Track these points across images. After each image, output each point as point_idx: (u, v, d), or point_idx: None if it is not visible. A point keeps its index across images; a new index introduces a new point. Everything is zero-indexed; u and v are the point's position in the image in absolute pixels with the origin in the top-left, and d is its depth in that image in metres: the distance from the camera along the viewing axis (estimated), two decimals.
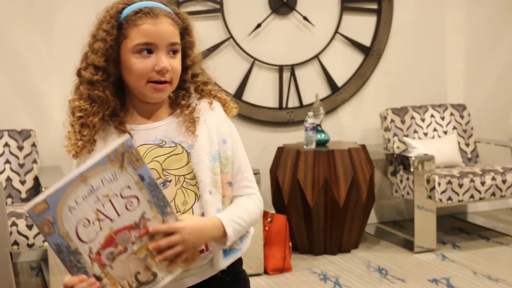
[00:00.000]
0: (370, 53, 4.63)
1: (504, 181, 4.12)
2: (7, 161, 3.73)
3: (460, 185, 4.02)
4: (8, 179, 3.70)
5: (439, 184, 3.99)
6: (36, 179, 3.73)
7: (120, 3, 1.53)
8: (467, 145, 4.62)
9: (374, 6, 4.63)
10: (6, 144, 3.76)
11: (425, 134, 4.54)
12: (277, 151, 4.17)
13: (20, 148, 3.77)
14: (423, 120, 4.57)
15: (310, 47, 4.54)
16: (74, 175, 1.32)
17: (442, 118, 4.61)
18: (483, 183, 4.07)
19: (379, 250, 4.13)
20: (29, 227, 3.28)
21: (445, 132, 4.58)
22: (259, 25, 4.40)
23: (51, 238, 1.32)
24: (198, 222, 1.45)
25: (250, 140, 4.30)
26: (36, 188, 3.72)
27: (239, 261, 1.60)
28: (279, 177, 4.03)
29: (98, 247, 1.35)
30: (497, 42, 5.00)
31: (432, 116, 4.60)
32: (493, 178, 4.09)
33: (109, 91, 1.50)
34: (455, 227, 4.64)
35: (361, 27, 4.62)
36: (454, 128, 4.61)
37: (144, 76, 1.48)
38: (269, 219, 3.80)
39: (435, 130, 4.57)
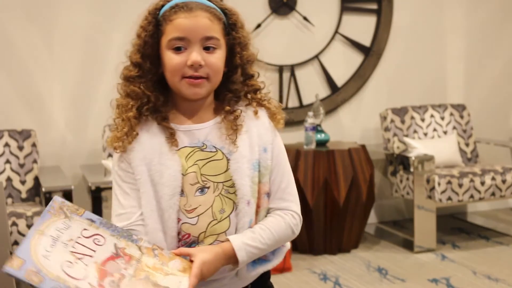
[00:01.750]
0: (370, 53, 4.63)
1: (504, 181, 4.12)
2: (7, 161, 3.73)
3: (460, 185, 4.02)
4: (8, 179, 3.70)
5: (439, 184, 3.99)
6: (36, 179, 3.73)
7: (161, 2, 1.51)
8: (467, 145, 4.62)
9: (374, 6, 4.63)
10: (6, 144, 3.76)
11: (425, 134, 4.54)
12: None
13: (20, 148, 3.77)
14: (423, 120, 4.57)
15: (310, 47, 4.54)
16: (30, 232, 1.30)
17: (442, 118, 4.61)
18: (483, 183, 4.07)
19: (379, 250, 4.13)
20: (29, 227, 3.28)
21: (445, 132, 4.58)
22: (259, 25, 4.40)
23: (45, 284, 1.26)
24: (211, 256, 1.40)
25: None
26: (36, 188, 3.72)
27: (267, 274, 1.57)
28: None
29: (96, 280, 1.30)
30: (497, 42, 5.00)
31: (432, 116, 4.60)
32: (493, 178, 4.10)
33: (145, 86, 1.48)
34: (455, 227, 4.64)
35: (361, 27, 4.62)
36: (454, 128, 4.62)
37: (178, 72, 1.45)
38: None
39: (435, 130, 4.57)
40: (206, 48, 1.45)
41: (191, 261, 1.38)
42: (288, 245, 1.57)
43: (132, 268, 1.33)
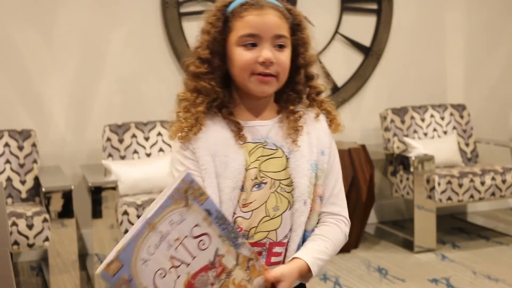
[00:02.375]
0: (370, 53, 4.63)
1: (503, 181, 4.12)
2: (7, 161, 3.73)
3: (460, 185, 4.02)
4: (8, 179, 3.70)
5: (439, 184, 3.99)
6: (36, 179, 3.73)
7: None
8: (467, 145, 4.62)
9: (374, 6, 4.63)
10: (7, 144, 3.76)
11: (425, 134, 4.54)
12: None
13: (20, 148, 3.77)
14: (423, 120, 4.57)
15: None
16: (141, 225, 1.24)
17: (442, 118, 4.61)
18: (482, 183, 4.07)
19: (379, 250, 4.13)
20: (29, 227, 3.29)
21: (445, 132, 4.58)
22: None
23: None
24: (290, 274, 1.42)
25: None
26: (36, 188, 3.72)
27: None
28: None
29: None
30: (497, 42, 5.00)
31: (432, 116, 4.60)
32: (493, 178, 4.10)
33: (215, 83, 1.48)
34: (455, 227, 4.64)
35: (361, 27, 4.63)
36: (454, 128, 4.62)
37: (248, 68, 1.45)
38: None
39: (435, 130, 4.57)
40: (276, 46, 1.47)
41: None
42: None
43: (218, 285, 1.32)
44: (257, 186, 1.47)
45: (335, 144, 1.58)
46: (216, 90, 1.48)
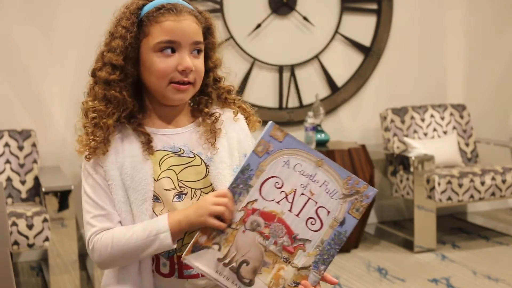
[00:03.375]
0: (370, 53, 4.63)
1: (503, 181, 4.12)
2: (7, 161, 3.73)
3: (460, 185, 4.02)
4: (8, 179, 3.70)
5: (439, 184, 3.99)
6: (36, 179, 3.73)
7: (141, 2, 1.46)
8: (467, 145, 4.62)
9: (374, 6, 4.63)
10: (6, 144, 3.76)
11: (425, 134, 4.54)
12: None
13: (20, 148, 3.77)
14: (423, 120, 4.57)
15: (310, 47, 4.54)
16: (316, 152, 1.31)
17: (442, 118, 4.61)
18: (483, 183, 4.07)
19: (379, 250, 4.13)
20: (29, 227, 3.29)
21: (445, 132, 4.58)
22: (259, 25, 4.40)
23: (253, 157, 1.31)
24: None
25: None
26: (36, 188, 3.73)
27: None
28: None
29: (261, 207, 1.31)
30: (497, 42, 5.00)
31: (432, 116, 4.60)
32: (493, 178, 4.10)
33: (127, 92, 1.42)
34: (455, 227, 4.64)
35: (361, 27, 4.63)
36: (454, 128, 4.62)
37: (166, 76, 1.40)
38: None
39: (435, 130, 4.57)
40: (194, 52, 1.43)
41: None
42: None
43: (276, 249, 1.32)
44: (177, 196, 1.43)
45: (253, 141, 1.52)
46: (127, 100, 1.42)
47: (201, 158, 1.46)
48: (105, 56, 1.45)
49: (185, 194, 1.43)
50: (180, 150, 1.45)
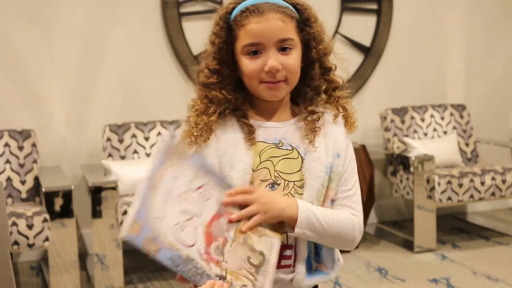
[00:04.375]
0: (370, 53, 4.64)
1: (503, 181, 4.12)
2: (7, 161, 3.73)
3: (460, 185, 4.02)
4: (8, 179, 3.70)
5: (439, 184, 3.99)
6: (36, 179, 3.73)
7: (231, 2, 1.47)
8: (467, 145, 4.62)
9: (374, 6, 4.63)
10: (6, 144, 3.76)
11: (425, 134, 4.54)
12: None
13: (20, 148, 3.77)
14: (423, 120, 4.57)
15: None
16: (144, 190, 1.27)
17: (442, 118, 4.61)
18: (482, 183, 4.07)
19: (379, 250, 4.13)
20: (29, 227, 3.29)
21: (445, 132, 4.58)
22: None
23: (161, 254, 1.26)
24: (270, 192, 1.43)
25: None
26: (36, 188, 3.72)
27: (317, 286, 1.54)
28: None
29: (204, 247, 1.30)
30: (497, 42, 5.00)
31: (432, 116, 4.60)
32: (493, 178, 4.10)
33: (226, 91, 1.47)
34: (455, 227, 4.64)
35: (361, 27, 4.63)
36: (454, 128, 4.62)
37: (256, 77, 1.43)
38: None
39: (435, 130, 4.57)
40: (282, 49, 1.43)
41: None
42: (342, 260, 1.54)
43: (233, 230, 1.34)
44: (270, 186, 1.45)
45: (352, 148, 1.56)
46: (228, 98, 1.47)
47: (298, 152, 1.48)
48: (202, 61, 1.50)
49: (278, 184, 1.45)
50: (280, 143, 1.48)
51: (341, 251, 1.54)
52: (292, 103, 1.54)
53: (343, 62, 1.55)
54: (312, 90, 1.52)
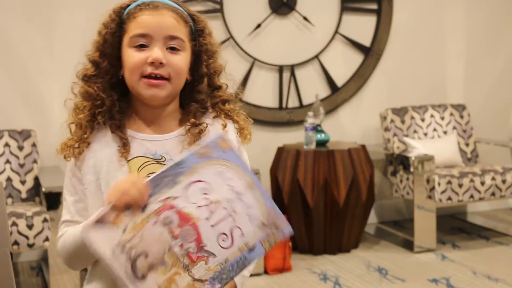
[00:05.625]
0: (370, 53, 4.63)
1: (503, 181, 4.12)
2: (8, 161, 3.73)
3: (460, 185, 4.02)
4: (9, 179, 3.70)
5: (439, 184, 3.99)
6: (36, 179, 3.73)
7: (127, 2, 1.45)
8: (467, 145, 4.62)
9: (374, 6, 4.63)
10: (7, 144, 3.76)
11: (425, 134, 4.54)
12: (277, 151, 4.17)
13: (20, 148, 3.77)
14: (423, 120, 4.57)
15: (310, 47, 4.54)
16: (252, 174, 1.32)
17: (442, 118, 4.61)
18: (482, 183, 4.07)
19: (379, 250, 4.13)
20: (29, 227, 3.29)
21: (445, 132, 4.58)
22: (259, 25, 4.40)
23: (191, 156, 1.31)
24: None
25: None
26: (36, 188, 3.73)
27: None
28: (279, 177, 4.03)
29: (180, 206, 1.28)
30: (497, 42, 5.00)
31: (432, 116, 4.60)
32: (493, 178, 4.10)
33: (100, 87, 1.41)
34: (455, 227, 4.64)
35: (361, 27, 4.63)
36: (454, 128, 4.62)
37: (137, 70, 1.37)
38: None
39: (435, 130, 4.57)
40: (170, 49, 1.39)
41: None
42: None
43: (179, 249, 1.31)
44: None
45: (247, 156, 1.48)
46: (100, 95, 1.40)
47: None
48: (86, 54, 1.47)
49: None
50: (162, 158, 1.41)
51: (342, 251, 1.52)
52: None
53: (234, 81, 1.51)
54: (198, 104, 1.45)
